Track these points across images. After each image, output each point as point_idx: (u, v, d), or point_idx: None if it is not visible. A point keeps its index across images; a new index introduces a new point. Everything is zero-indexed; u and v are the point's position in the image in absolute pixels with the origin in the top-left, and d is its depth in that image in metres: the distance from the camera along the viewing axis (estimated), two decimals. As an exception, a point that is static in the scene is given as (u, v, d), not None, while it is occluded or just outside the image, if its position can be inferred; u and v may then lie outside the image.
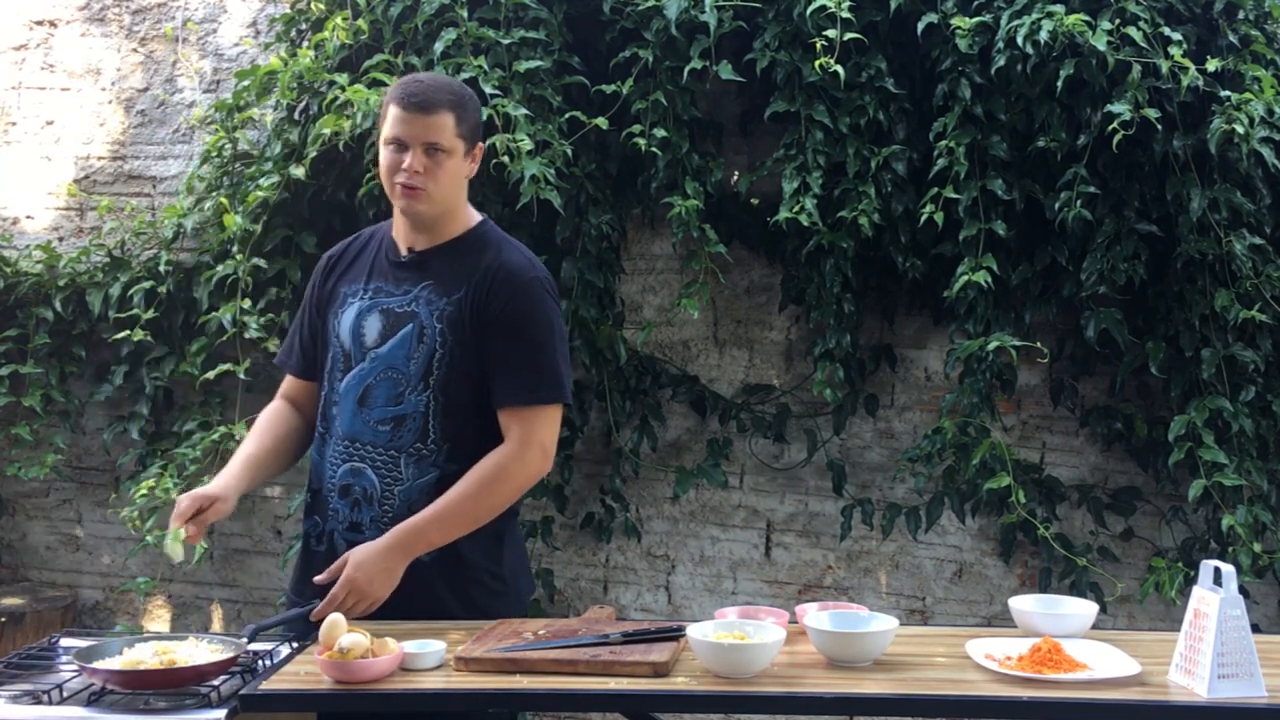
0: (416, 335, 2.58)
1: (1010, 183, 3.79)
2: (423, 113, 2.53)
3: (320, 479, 2.66)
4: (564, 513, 4.23)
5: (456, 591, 2.58)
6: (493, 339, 2.56)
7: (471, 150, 2.62)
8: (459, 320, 2.57)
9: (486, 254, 2.62)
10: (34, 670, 2.28)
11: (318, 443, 2.69)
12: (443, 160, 2.56)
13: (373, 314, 2.63)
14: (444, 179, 2.57)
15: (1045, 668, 2.17)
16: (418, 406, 2.57)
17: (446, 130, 2.55)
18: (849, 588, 4.21)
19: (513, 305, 2.57)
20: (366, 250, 2.74)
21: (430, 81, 2.60)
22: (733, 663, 2.15)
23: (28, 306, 4.33)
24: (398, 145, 2.56)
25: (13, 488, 4.57)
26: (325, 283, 2.76)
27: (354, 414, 2.60)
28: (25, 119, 4.66)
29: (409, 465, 2.57)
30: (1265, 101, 3.59)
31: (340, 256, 2.78)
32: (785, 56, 3.82)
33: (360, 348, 2.62)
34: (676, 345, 4.30)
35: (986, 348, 3.73)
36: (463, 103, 2.58)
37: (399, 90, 2.58)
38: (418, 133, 2.54)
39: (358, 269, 2.71)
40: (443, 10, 3.84)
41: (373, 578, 2.46)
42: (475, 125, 2.63)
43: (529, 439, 2.56)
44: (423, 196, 2.57)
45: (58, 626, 4.05)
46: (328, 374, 2.69)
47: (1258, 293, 3.71)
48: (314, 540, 2.66)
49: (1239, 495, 3.69)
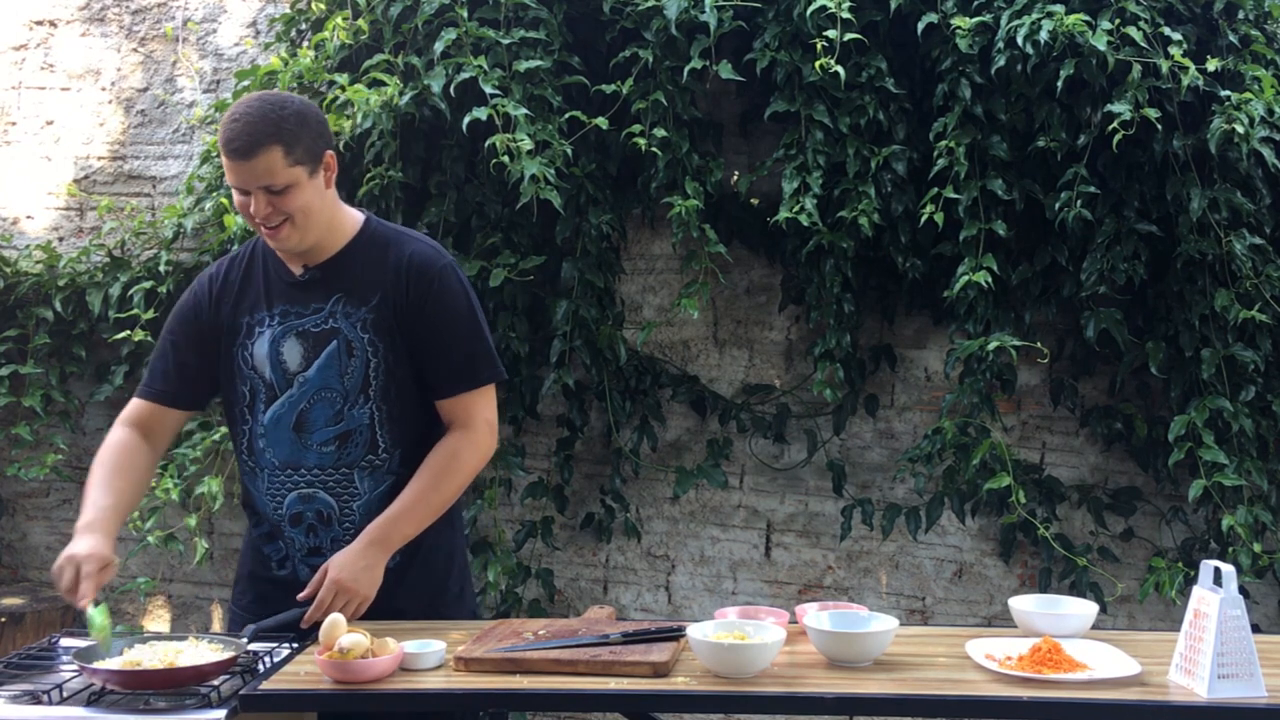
0: (344, 350, 2.53)
1: (1010, 183, 3.79)
2: (245, 159, 2.40)
3: (263, 511, 2.61)
4: (564, 513, 4.24)
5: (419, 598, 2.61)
6: (419, 334, 2.54)
7: (318, 166, 2.48)
8: (383, 325, 2.53)
9: (389, 252, 2.57)
10: (34, 670, 2.27)
11: (249, 476, 2.62)
12: (289, 194, 2.43)
13: (288, 339, 2.55)
14: (297, 210, 2.45)
15: (1045, 668, 2.17)
16: (362, 420, 2.54)
17: (276, 167, 2.41)
18: (849, 588, 4.21)
19: (433, 297, 2.54)
20: (251, 274, 2.62)
21: (246, 119, 2.41)
22: (733, 663, 2.15)
23: (28, 306, 4.33)
24: (239, 191, 2.46)
25: (13, 488, 4.57)
26: (214, 312, 2.62)
27: (292, 442, 2.55)
28: (25, 119, 4.66)
29: (363, 479, 2.55)
30: (1265, 101, 3.59)
31: (223, 283, 2.63)
32: (785, 56, 3.82)
33: (283, 375, 2.55)
34: (676, 345, 4.30)
35: (986, 348, 3.73)
36: (283, 129, 2.41)
37: (222, 135, 2.42)
38: (248, 179, 2.42)
39: (251, 296, 2.60)
40: (443, 10, 3.84)
41: (356, 576, 2.45)
42: (311, 140, 2.46)
43: (475, 421, 2.57)
44: (286, 230, 2.47)
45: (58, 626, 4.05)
46: (244, 408, 2.59)
47: (1258, 293, 3.71)
48: (275, 565, 2.62)
49: (1239, 495, 3.69)
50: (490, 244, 3.94)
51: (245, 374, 2.59)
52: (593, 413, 4.23)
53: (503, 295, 3.93)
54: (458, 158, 3.96)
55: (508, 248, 3.94)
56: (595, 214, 3.98)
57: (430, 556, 2.62)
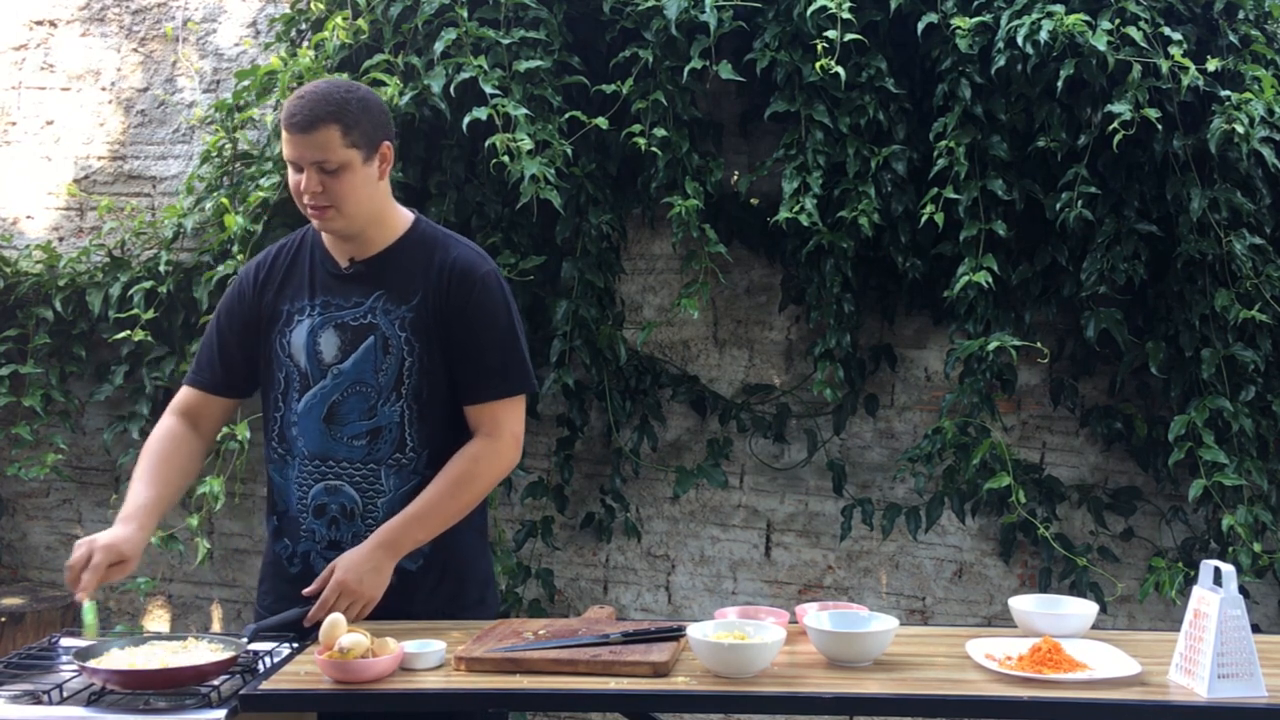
0: (381, 347, 2.54)
1: (1010, 183, 3.79)
2: (304, 132, 2.44)
3: (287, 501, 2.61)
4: (564, 513, 4.24)
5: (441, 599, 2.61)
6: (456, 337, 2.55)
7: (373, 154, 2.52)
8: (422, 325, 2.54)
9: (435, 254, 2.58)
10: (34, 670, 2.28)
11: (277, 465, 2.62)
12: (340, 175, 2.47)
13: (326, 330, 2.57)
14: (347, 194, 2.48)
15: (1045, 668, 2.17)
16: (392, 417, 2.54)
17: (333, 145, 2.45)
18: (849, 588, 4.21)
19: (473, 302, 2.55)
20: (298, 262, 2.65)
21: (311, 96, 2.47)
22: (733, 663, 2.15)
23: (28, 306, 4.33)
24: (294, 167, 2.49)
25: (13, 488, 4.57)
26: (258, 299, 2.64)
27: (322, 433, 2.56)
28: (25, 119, 4.66)
29: (390, 476, 2.55)
30: (1265, 101, 3.60)
31: (269, 270, 2.66)
32: (785, 56, 3.82)
33: (319, 365, 2.56)
34: (676, 345, 4.30)
35: (986, 348, 3.73)
36: (346, 110, 2.46)
37: (285, 110, 2.48)
38: (305, 153, 2.46)
39: (295, 284, 2.62)
40: (443, 10, 3.84)
41: (361, 577, 2.45)
42: (371, 127, 2.51)
43: (500, 431, 2.57)
44: (331, 215, 2.50)
45: (58, 626, 4.05)
46: (278, 395, 2.60)
47: (1258, 293, 3.71)
48: (287, 562, 2.62)
49: (1239, 495, 3.69)
50: (490, 244, 3.94)
51: (282, 360, 2.60)
52: (593, 413, 4.23)
53: (503, 295, 3.93)
54: (458, 158, 3.96)
55: (508, 248, 3.94)
56: (595, 214, 3.98)
57: (450, 562, 2.61)
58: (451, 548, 2.59)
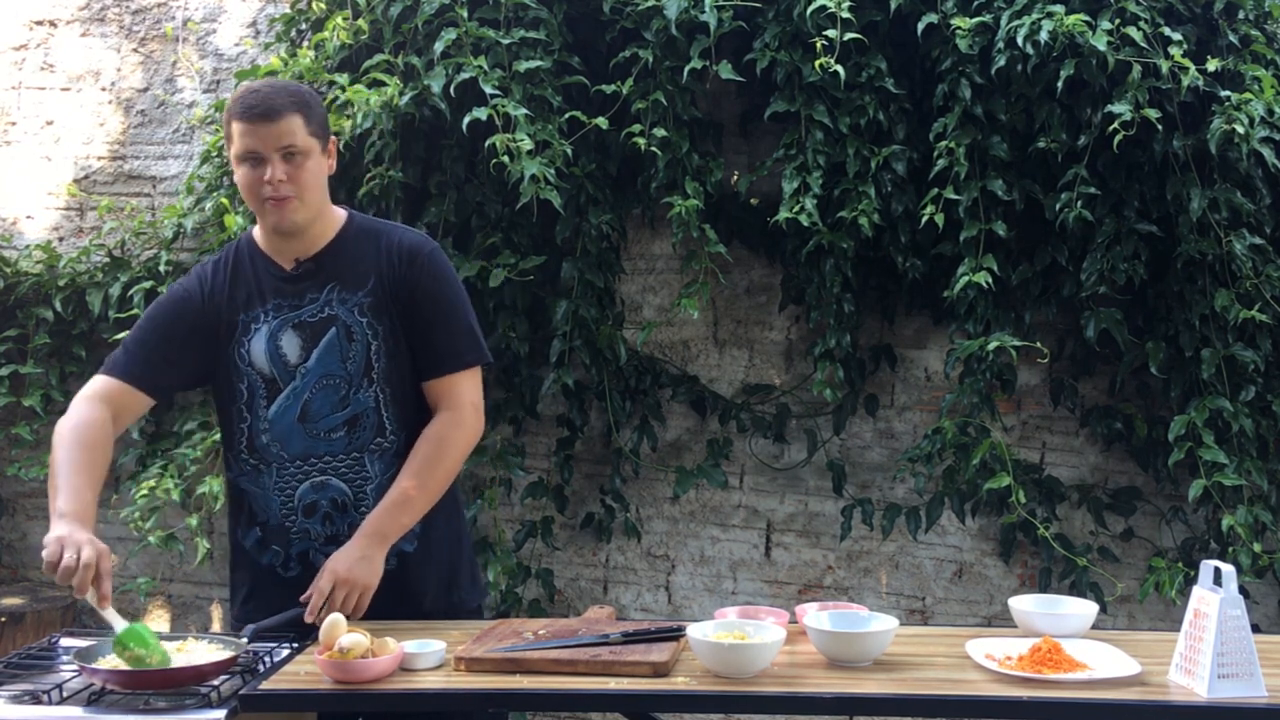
0: (344, 336, 2.56)
1: (1010, 183, 3.79)
2: (268, 121, 2.45)
3: (268, 510, 2.59)
4: (564, 513, 4.24)
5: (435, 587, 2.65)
6: (411, 316, 2.57)
7: (326, 147, 2.56)
8: (379, 308, 2.56)
9: (380, 239, 2.61)
10: (34, 670, 2.28)
11: (250, 476, 2.60)
12: (303, 163, 2.48)
13: (285, 331, 2.56)
14: (310, 182, 2.50)
15: (1045, 668, 2.17)
16: (367, 403, 2.56)
17: (298, 132, 2.47)
18: (849, 588, 4.21)
19: (424, 280, 2.58)
20: (240, 273, 2.61)
21: (266, 89, 2.49)
22: (733, 663, 2.15)
23: (28, 306, 4.33)
24: (253, 160, 2.47)
25: (13, 488, 4.57)
26: (206, 310, 2.59)
27: (300, 432, 2.56)
28: (25, 119, 4.66)
29: (374, 462, 2.57)
30: (1265, 101, 3.59)
31: (211, 283, 2.62)
32: (785, 56, 3.82)
33: (285, 368, 2.56)
34: (676, 345, 4.30)
35: (986, 348, 3.73)
36: (306, 101, 2.51)
37: (237, 105, 2.48)
38: (269, 141, 2.46)
39: (243, 293, 2.59)
40: (443, 10, 3.84)
41: (351, 565, 2.45)
42: (323, 121, 2.55)
43: (460, 401, 2.60)
44: (294, 205, 2.50)
45: (58, 626, 4.05)
46: (241, 406, 2.58)
47: (1258, 293, 3.71)
48: (281, 569, 2.60)
49: (1239, 495, 3.69)
50: (490, 244, 3.94)
51: (242, 371, 2.59)
52: (593, 413, 4.23)
53: (503, 295, 3.93)
54: (458, 158, 3.96)
55: (508, 248, 3.94)
56: (595, 214, 3.98)
57: (442, 539, 2.66)
58: (436, 526, 2.64)
